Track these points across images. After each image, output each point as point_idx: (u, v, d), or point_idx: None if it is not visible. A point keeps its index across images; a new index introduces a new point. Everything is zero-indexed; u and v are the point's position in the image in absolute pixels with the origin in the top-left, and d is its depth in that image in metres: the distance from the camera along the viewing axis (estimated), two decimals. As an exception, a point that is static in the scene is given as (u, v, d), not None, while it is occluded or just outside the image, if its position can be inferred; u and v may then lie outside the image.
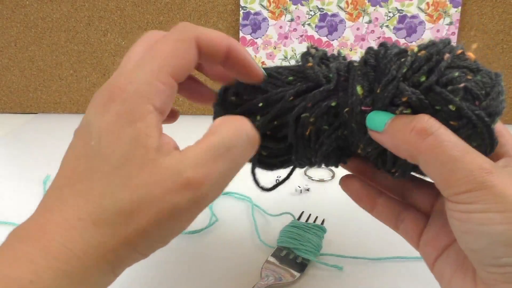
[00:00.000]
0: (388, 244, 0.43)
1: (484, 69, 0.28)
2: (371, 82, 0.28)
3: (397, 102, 0.27)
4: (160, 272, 0.39)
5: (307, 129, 0.29)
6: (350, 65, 0.30)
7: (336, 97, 0.29)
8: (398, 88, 0.27)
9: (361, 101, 0.28)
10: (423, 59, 0.27)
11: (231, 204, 0.50)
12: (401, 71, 0.27)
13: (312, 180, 0.56)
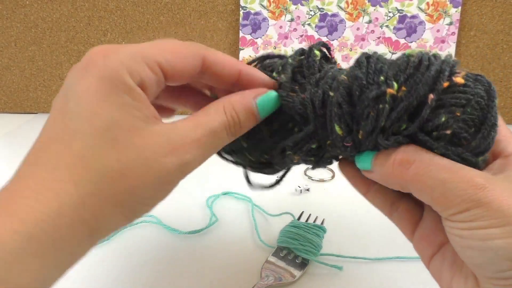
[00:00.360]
0: (388, 244, 0.43)
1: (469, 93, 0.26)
2: (349, 123, 0.27)
3: (379, 147, 0.27)
4: (160, 272, 0.39)
5: (295, 159, 0.30)
6: (326, 97, 0.28)
7: (316, 136, 0.29)
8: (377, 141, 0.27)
9: (342, 139, 0.27)
10: (403, 107, 0.25)
11: (231, 204, 0.50)
12: (380, 124, 0.26)
13: (312, 180, 0.56)
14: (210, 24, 0.76)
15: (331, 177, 0.57)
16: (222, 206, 0.50)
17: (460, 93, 0.26)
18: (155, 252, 0.42)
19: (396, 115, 0.25)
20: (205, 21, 0.76)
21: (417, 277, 0.39)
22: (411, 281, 0.38)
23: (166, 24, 0.76)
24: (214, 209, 0.49)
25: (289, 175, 0.57)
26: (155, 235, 0.45)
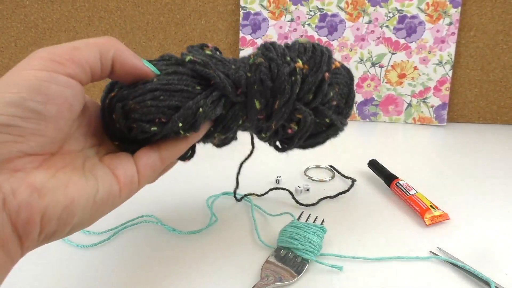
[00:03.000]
0: (388, 244, 0.43)
1: (342, 74, 0.36)
2: (268, 98, 0.33)
3: (292, 117, 0.35)
4: (160, 272, 0.39)
5: (215, 139, 0.36)
6: (247, 78, 0.33)
7: (241, 112, 0.34)
8: (294, 106, 0.34)
9: (258, 112, 0.34)
10: (310, 82, 0.33)
11: (231, 204, 0.50)
12: (295, 91, 0.33)
13: (312, 180, 0.56)
14: (210, 25, 0.76)
15: (331, 177, 0.57)
16: (222, 206, 0.50)
17: (337, 74, 0.36)
18: (155, 252, 0.42)
19: (308, 86, 0.33)
20: (205, 21, 0.76)
21: (417, 277, 0.39)
22: (411, 281, 0.38)
23: (166, 24, 0.76)
24: (214, 209, 0.49)
25: (289, 175, 0.57)
26: (155, 235, 0.45)
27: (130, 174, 0.29)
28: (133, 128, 0.30)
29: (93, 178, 0.26)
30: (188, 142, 0.32)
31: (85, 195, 0.25)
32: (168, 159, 0.31)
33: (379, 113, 0.78)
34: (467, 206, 0.50)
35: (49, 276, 0.39)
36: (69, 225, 0.25)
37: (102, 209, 0.27)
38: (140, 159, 0.30)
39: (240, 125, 0.35)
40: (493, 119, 0.78)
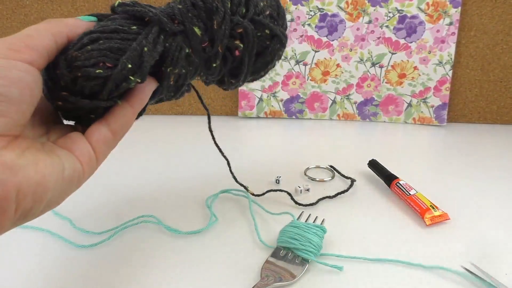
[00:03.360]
0: (388, 244, 0.43)
1: None
2: (205, 22, 0.34)
3: (234, 34, 0.36)
4: (160, 272, 0.39)
5: (171, 79, 0.34)
6: (179, 9, 0.34)
7: (184, 43, 0.34)
8: (232, 21, 0.35)
9: (201, 40, 0.34)
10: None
11: (231, 204, 0.50)
12: (227, 7, 0.35)
13: (312, 180, 0.56)
14: (210, 24, 0.76)
15: (331, 177, 0.57)
16: (222, 206, 0.50)
17: None
18: (155, 252, 0.42)
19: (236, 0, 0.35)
20: (205, 21, 0.76)
21: (416, 277, 0.39)
22: (411, 281, 0.38)
23: (166, 24, 0.76)
24: (213, 209, 0.49)
25: (289, 175, 0.57)
26: (155, 235, 0.45)
27: (87, 152, 0.29)
28: (78, 77, 0.29)
29: (57, 157, 0.27)
30: (134, 108, 0.32)
31: (55, 172, 0.26)
32: (120, 130, 0.32)
33: (379, 113, 0.78)
34: (467, 206, 0.50)
35: (49, 276, 0.39)
36: (43, 201, 0.26)
37: (70, 186, 0.28)
38: (91, 136, 0.30)
39: (188, 60, 0.35)
40: (493, 119, 0.78)
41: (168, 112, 0.81)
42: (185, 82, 0.36)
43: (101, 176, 0.57)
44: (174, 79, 0.34)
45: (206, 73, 0.38)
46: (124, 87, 0.31)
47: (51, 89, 0.31)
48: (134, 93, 0.32)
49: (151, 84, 0.33)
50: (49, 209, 0.28)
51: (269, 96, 0.78)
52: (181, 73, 0.35)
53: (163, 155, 0.64)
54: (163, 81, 0.34)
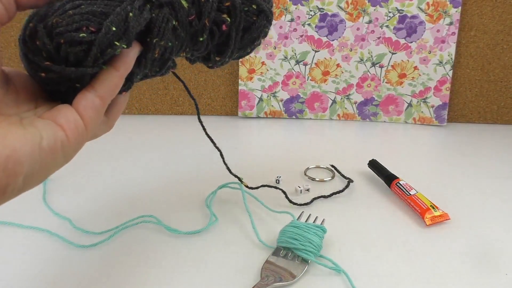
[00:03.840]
0: (388, 244, 0.43)
1: None
2: None
3: (222, 8, 0.36)
4: (160, 272, 0.39)
5: (156, 51, 0.33)
6: None
7: (171, 15, 0.33)
8: None
9: (188, 12, 0.34)
10: None
11: (231, 204, 0.50)
12: None
13: (312, 180, 0.56)
14: (210, 24, 0.76)
15: (331, 177, 0.57)
16: (221, 206, 0.50)
17: None
18: (155, 252, 0.42)
19: None
20: (205, 21, 0.76)
21: (417, 278, 0.39)
22: (411, 281, 0.38)
23: (166, 24, 0.76)
24: (213, 209, 0.49)
25: (289, 175, 0.57)
26: (155, 235, 0.45)
27: (73, 119, 0.28)
28: (61, 44, 0.28)
29: (33, 128, 0.26)
30: (119, 72, 0.31)
31: (28, 143, 0.25)
32: (107, 95, 0.31)
33: (379, 113, 0.78)
34: (467, 206, 0.50)
35: (49, 276, 0.39)
36: (19, 175, 0.25)
37: (53, 156, 0.27)
38: (78, 104, 0.29)
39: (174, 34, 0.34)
40: (493, 119, 0.78)
41: (168, 112, 0.81)
42: (170, 56, 0.35)
43: (101, 176, 0.57)
44: (160, 52, 0.34)
45: (192, 48, 0.37)
46: (109, 53, 0.30)
47: (32, 61, 0.30)
48: (118, 57, 0.31)
49: (135, 48, 0.32)
50: (33, 184, 0.27)
51: (269, 96, 0.78)
52: (167, 46, 0.34)
53: (163, 155, 0.64)
54: (148, 52, 0.33)
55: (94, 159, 0.61)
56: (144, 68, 0.34)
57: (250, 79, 0.77)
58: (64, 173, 0.56)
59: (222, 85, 0.79)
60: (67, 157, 0.29)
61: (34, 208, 0.48)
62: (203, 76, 0.78)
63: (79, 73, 0.29)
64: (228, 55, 0.39)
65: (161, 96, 0.80)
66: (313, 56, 0.76)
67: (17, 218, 0.46)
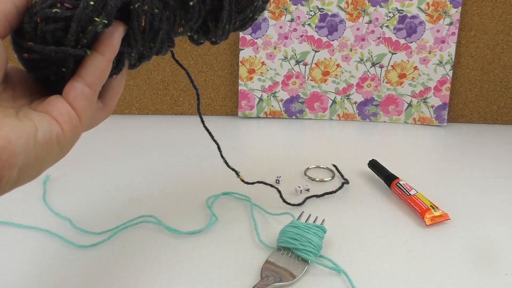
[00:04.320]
0: (388, 244, 0.43)
1: None
2: None
3: None
4: (160, 272, 0.39)
5: (142, 18, 0.31)
6: None
7: None
8: None
9: None
10: None
11: (231, 204, 0.50)
12: None
13: (312, 180, 0.56)
14: (210, 24, 0.76)
15: (331, 177, 0.57)
16: (222, 206, 0.50)
17: None
18: (155, 252, 0.42)
19: None
20: (205, 21, 0.76)
21: (416, 278, 0.39)
22: (411, 281, 0.38)
23: (166, 24, 0.76)
24: (214, 209, 0.49)
25: (289, 175, 0.57)
26: (155, 235, 0.45)
27: (66, 111, 0.28)
28: (38, 22, 0.28)
29: (28, 120, 0.26)
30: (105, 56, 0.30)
31: (23, 135, 0.25)
32: (96, 82, 0.30)
33: (379, 113, 0.78)
34: (467, 206, 0.50)
35: (49, 276, 0.39)
36: (14, 166, 0.25)
37: (49, 148, 0.27)
38: (68, 95, 0.29)
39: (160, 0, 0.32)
40: (493, 119, 0.78)
41: (168, 112, 0.81)
42: (161, 26, 0.33)
43: (101, 176, 0.57)
44: (147, 20, 0.31)
45: (186, 18, 0.35)
46: (91, 31, 0.29)
47: (16, 42, 0.29)
48: (101, 40, 0.30)
49: (119, 28, 0.30)
50: (29, 177, 0.27)
51: (269, 96, 0.78)
52: (154, 13, 0.31)
53: (163, 155, 0.64)
54: (133, 21, 0.31)
55: (94, 159, 0.61)
56: (135, 43, 0.32)
57: (250, 79, 0.77)
58: (64, 173, 0.56)
59: (222, 85, 0.79)
60: (64, 150, 0.28)
61: (34, 208, 0.48)
62: (203, 76, 0.78)
63: (60, 52, 0.28)
64: (225, 19, 0.36)
65: (161, 96, 0.80)
66: (313, 56, 0.76)
67: (17, 218, 0.46)
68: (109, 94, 0.33)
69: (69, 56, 0.29)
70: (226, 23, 0.37)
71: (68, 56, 0.29)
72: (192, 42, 0.39)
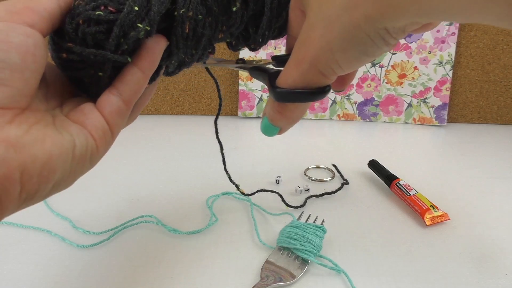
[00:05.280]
0: (388, 244, 0.43)
1: None
2: None
3: None
4: (160, 272, 0.39)
5: (186, 25, 0.31)
6: None
7: None
8: None
9: None
10: None
11: (231, 204, 0.50)
12: None
13: (312, 180, 0.56)
14: (210, 24, 0.76)
15: (331, 178, 0.57)
16: (222, 206, 0.50)
17: None
18: (155, 252, 0.42)
19: None
20: (205, 21, 0.76)
21: (416, 278, 0.39)
22: (411, 281, 0.38)
23: (166, 24, 0.76)
24: (214, 209, 0.49)
25: (289, 175, 0.57)
26: (155, 235, 0.45)
27: (100, 126, 0.28)
28: (80, 24, 0.28)
29: (68, 133, 0.26)
30: (145, 73, 0.30)
31: (64, 150, 0.25)
32: (132, 98, 0.29)
33: (379, 113, 0.78)
34: (467, 206, 0.50)
35: (49, 276, 0.39)
36: (50, 182, 0.24)
37: (82, 164, 0.27)
38: (104, 108, 0.28)
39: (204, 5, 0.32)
40: (493, 120, 0.78)
41: (168, 112, 0.81)
42: (204, 32, 0.32)
43: (101, 176, 0.57)
44: (191, 26, 0.31)
45: (228, 24, 0.34)
46: (133, 37, 0.28)
47: (56, 42, 0.29)
48: (142, 54, 0.29)
49: (160, 42, 0.30)
50: (58, 191, 0.26)
51: (269, 96, 0.78)
52: (197, 19, 0.31)
53: (163, 155, 0.64)
54: (177, 28, 0.31)
55: (94, 159, 0.61)
56: (177, 50, 0.32)
57: (250, 79, 0.77)
58: (64, 173, 0.56)
59: (222, 85, 0.79)
60: (93, 163, 0.28)
61: (34, 208, 0.48)
62: (203, 76, 0.78)
63: (99, 56, 0.28)
64: (265, 24, 0.36)
65: (161, 96, 0.80)
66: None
67: (17, 218, 0.46)
68: (137, 103, 0.32)
69: (108, 61, 0.28)
70: (266, 29, 0.36)
71: (107, 60, 0.28)
72: (230, 48, 0.39)
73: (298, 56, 0.29)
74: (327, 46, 0.26)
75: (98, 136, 0.27)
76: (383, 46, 0.25)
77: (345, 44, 0.26)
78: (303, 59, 0.28)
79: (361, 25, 0.24)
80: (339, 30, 0.25)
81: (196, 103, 0.80)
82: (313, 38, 0.27)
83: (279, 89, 0.31)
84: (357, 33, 0.25)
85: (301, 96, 0.31)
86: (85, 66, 0.29)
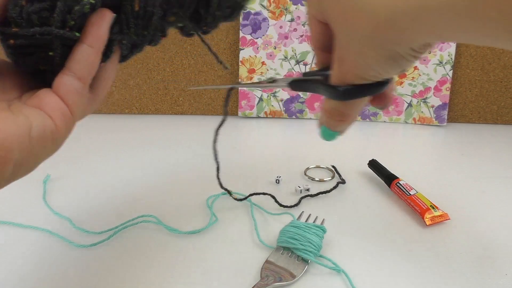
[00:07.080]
0: (388, 244, 0.43)
1: None
2: None
3: None
4: (160, 272, 0.39)
5: (135, 2, 0.30)
6: None
7: None
8: None
9: None
10: None
11: (231, 204, 0.50)
12: None
13: (312, 180, 0.56)
14: (210, 24, 0.76)
15: (331, 177, 0.57)
16: (222, 206, 0.50)
17: None
18: (155, 252, 0.42)
19: None
20: (205, 21, 0.76)
21: (416, 277, 0.39)
22: (411, 281, 0.38)
23: (166, 24, 0.76)
24: (214, 209, 0.49)
25: (289, 175, 0.57)
26: (155, 235, 0.45)
27: (57, 106, 0.28)
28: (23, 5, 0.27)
29: (22, 115, 0.26)
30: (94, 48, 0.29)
31: (18, 131, 0.25)
32: (86, 75, 0.29)
33: (379, 113, 0.78)
34: (467, 206, 0.50)
35: (49, 276, 0.39)
36: (9, 162, 0.25)
37: (43, 143, 0.27)
38: (58, 89, 0.29)
39: None
40: (494, 119, 0.78)
41: (168, 112, 0.81)
42: (154, 10, 0.32)
43: (101, 176, 0.57)
44: (141, 4, 0.30)
45: (178, 3, 0.33)
46: (77, 12, 0.28)
47: (2, 32, 0.29)
48: (89, 29, 0.29)
49: (106, 15, 0.29)
50: (21, 174, 0.27)
51: (269, 96, 0.78)
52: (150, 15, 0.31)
53: (163, 155, 0.64)
54: (126, 5, 0.30)
55: (94, 158, 0.61)
56: (127, 30, 0.31)
57: (250, 79, 0.77)
58: (64, 173, 0.56)
59: (222, 85, 0.79)
60: (57, 144, 0.28)
61: (34, 207, 0.48)
62: (203, 76, 0.78)
63: (45, 32, 0.28)
64: (216, 3, 0.35)
65: (161, 96, 0.80)
66: (313, 56, 0.76)
67: (17, 218, 0.46)
68: (99, 85, 0.32)
69: (56, 38, 0.28)
70: (217, 9, 0.36)
71: (54, 37, 0.28)
72: (183, 35, 0.38)
73: (342, 70, 0.31)
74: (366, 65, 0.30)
75: (56, 116, 0.27)
76: (413, 60, 0.29)
77: (382, 63, 0.29)
78: (347, 73, 0.31)
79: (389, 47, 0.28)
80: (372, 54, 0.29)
81: (196, 103, 0.80)
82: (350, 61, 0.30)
83: (342, 87, 0.32)
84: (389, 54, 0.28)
85: (364, 89, 0.32)
86: (35, 50, 0.29)
